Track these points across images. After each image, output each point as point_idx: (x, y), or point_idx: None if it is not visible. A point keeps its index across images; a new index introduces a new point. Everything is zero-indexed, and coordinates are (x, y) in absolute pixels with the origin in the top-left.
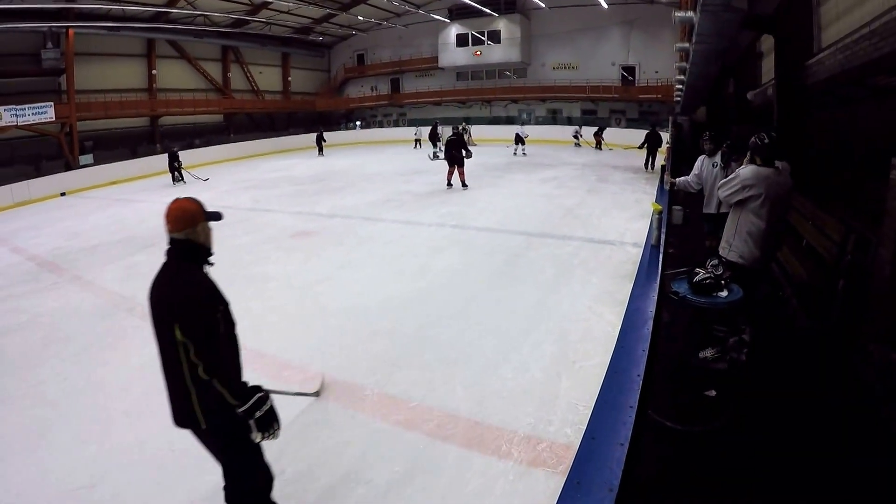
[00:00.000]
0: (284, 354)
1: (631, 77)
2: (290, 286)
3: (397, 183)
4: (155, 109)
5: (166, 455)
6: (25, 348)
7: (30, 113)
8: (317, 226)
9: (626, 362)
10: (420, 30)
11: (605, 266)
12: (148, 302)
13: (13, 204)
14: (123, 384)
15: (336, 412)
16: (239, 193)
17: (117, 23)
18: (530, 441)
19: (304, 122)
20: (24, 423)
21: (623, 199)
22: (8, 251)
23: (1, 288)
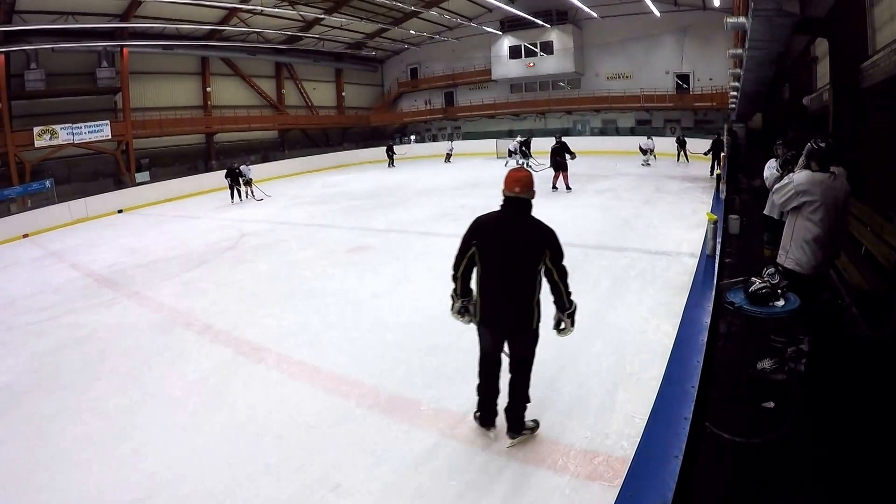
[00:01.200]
0: (342, 369)
1: (685, 85)
2: (347, 301)
3: (453, 197)
4: (210, 126)
5: (223, 468)
6: (84, 362)
7: (86, 131)
8: (373, 241)
9: (680, 373)
10: (472, 42)
11: (662, 277)
12: (481, 236)
13: (71, 221)
14: (181, 398)
15: (393, 426)
16: (295, 209)
17: (171, 41)
18: (587, 454)
19: (359, 138)
20: (82, 436)
21: (679, 210)
22: (66, 267)
23: (59, 303)
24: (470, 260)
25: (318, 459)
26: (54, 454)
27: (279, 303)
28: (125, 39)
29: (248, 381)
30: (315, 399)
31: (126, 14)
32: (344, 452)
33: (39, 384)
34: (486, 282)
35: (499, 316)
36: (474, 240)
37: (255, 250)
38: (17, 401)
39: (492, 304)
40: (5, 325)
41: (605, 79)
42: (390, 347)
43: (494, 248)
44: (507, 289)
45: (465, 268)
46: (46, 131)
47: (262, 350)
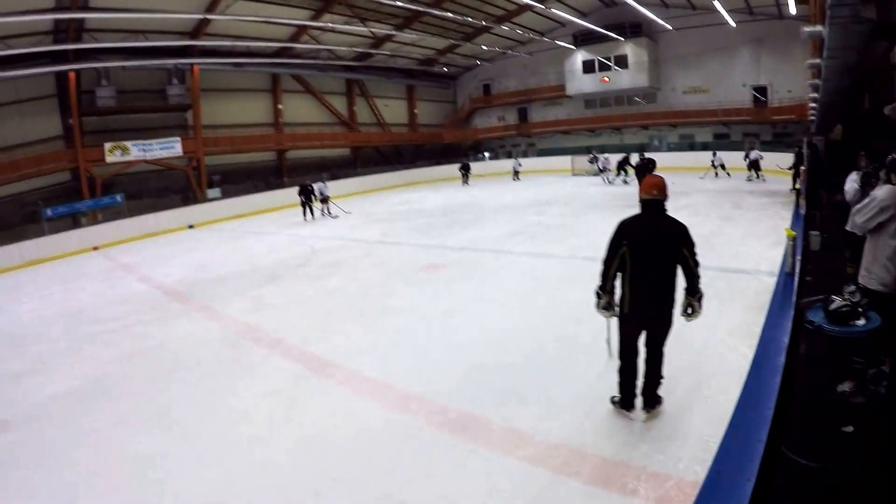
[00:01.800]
0: (411, 387)
1: (763, 98)
2: (419, 318)
3: (528, 214)
4: (281, 144)
5: (287, 483)
6: (151, 373)
7: (157, 147)
8: (446, 259)
9: (757, 395)
10: (545, 58)
11: (741, 296)
12: (630, 236)
13: (141, 235)
14: (247, 412)
15: (461, 445)
16: (368, 226)
17: (242, 59)
18: (658, 478)
19: (432, 155)
20: (147, 446)
21: (759, 227)
22: (135, 280)
23: (128, 314)
24: (620, 259)
25: (383, 476)
26: (118, 462)
27: (350, 319)
28: (195, 57)
29: (317, 396)
30: (383, 416)
31: (196, 32)
32: (410, 471)
33: (106, 392)
34: (636, 277)
35: (646, 306)
36: (624, 240)
37: (327, 267)
38: (83, 408)
39: (641, 297)
40: (73, 335)
41: (682, 93)
42: (461, 366)
43: (643, 246)
44: (654, 281)
45: (616, 266)
46: (118, 147)
47: (331, 366)
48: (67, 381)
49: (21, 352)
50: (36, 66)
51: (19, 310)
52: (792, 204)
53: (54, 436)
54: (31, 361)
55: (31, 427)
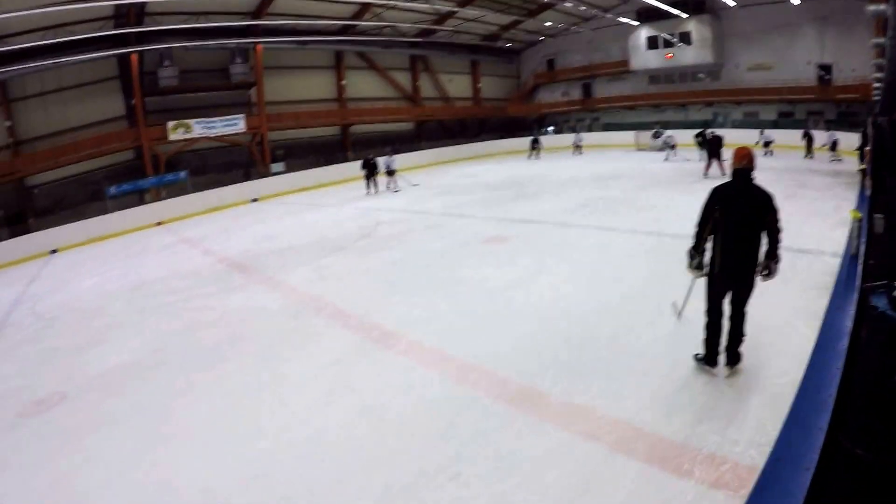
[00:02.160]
0: (471, 359)
1: (828, 76)
2: (481, 291)
3: (592, 188)
4: (345, 119)
5: (344, 451)
6: (212, 344)
7: (220, 125)
8: (510, 231)
9: (818, 381)
10: (609, 33)
11: (802, 277)
12: (724, 201)
13: (205, 210)
14: (307, 381)
15: (520, 418)
16: (431, 199)
17: (305, 37)
18: (714, 461)
19: (496, 129)
20: (205, 415)
21: (822, 206)
22: (198, 253)
23: (191, 287)
24: (713, 222)
25: (440, 447)
26: (176, 429)
27: (412, 291)
28: (258, 36)
29: (377, 366)
30: (443, 387)
31: (258, 11)
32: (468, 442)
33: (165, 363)
34: (726, 239)
35: (734, 267)
36: (717, 205)
37: (390, 239)
38: (142, 378)
39: (730, 257)
40: (134, 308)
41: (746, 70)
42: (522, 339)
43: (734, 211)
44: (742, 244)
45: (709, 230)
46: (181, 125)
47: (392, 336)
48: (127, 354)
49: (83, 326)
50: (98, 51)
51: (82, 285)
52: (857, 185)
53: (112, 405)
54: (91, 335)
55: (89, 397)
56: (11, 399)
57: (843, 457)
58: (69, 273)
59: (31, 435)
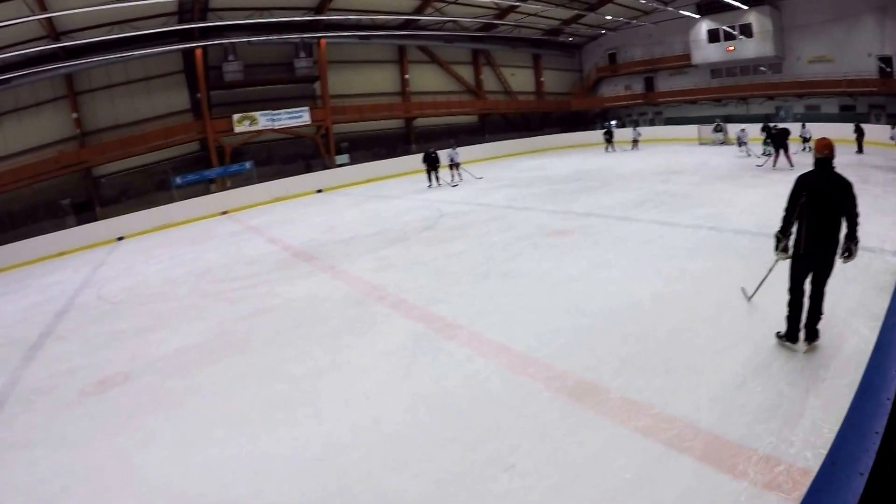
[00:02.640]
0: (532, 351)
1: (888, 69)
2: (542, 284)
3: (654, 182)
4: (409, 112)
5: (400, 438)
6: (275, 329)
7: (285, 117)
8: (572, 224)
9: (877, 383)
10: (670, 27)
11: (863, 275)
12: (810, 187)
13: (270, 200)
14: (367, 368)
15: (577, 412)
16: (494, 192)
17: (367, 31)
18: (768, 462)
19: (559, 122)
20: (265, 398)
21: (885, 203)
22: (263, 241)
23: (255, 274)
24: (800, 207)
25: (496, 438)
26: (234, 411)
27: (474, 282)
28: (321, 31)
29: (437, 355)
30: (502, 378)
31: (321, 7)
32: (524, 434)
33: (228, 347)
34: (811, 223)
35: (818, 249)
36: (804, 191)
37: (453, 230)
38: (204, 361)
39: (814, 240)
40: (199, 293)
41: (807, 63)
42: (583, 333)
43: (818, 197)
44: (825, 228)
45: (795, 214)
46: (246, 118)
47: (453, 326)
48: (191, 337)
49: (147, 309)
50: (163, 45)
51: (148, 270)
52: None
53: (172, 386)
54: (155, 318)
55: (151, 378)
56: (75, 377)
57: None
58: (135, 259)
59: (92, 412)
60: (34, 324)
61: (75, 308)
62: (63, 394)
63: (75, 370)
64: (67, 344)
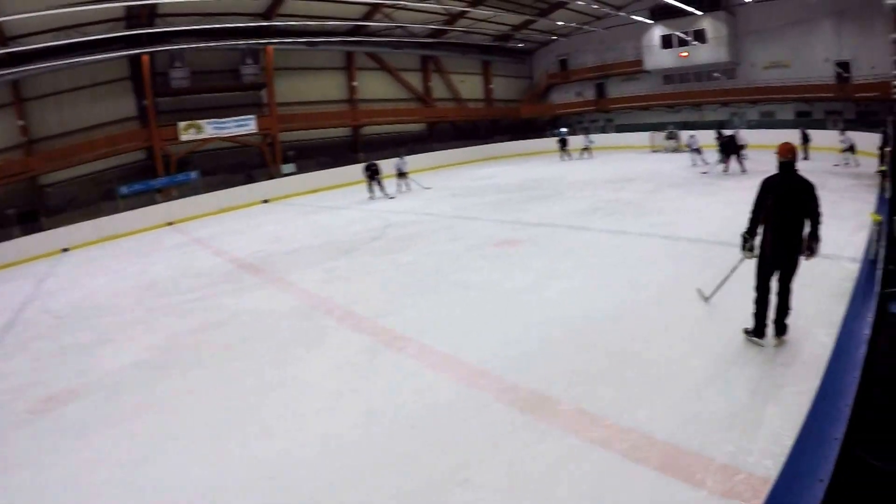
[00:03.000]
0: (482, 363)
1: (846, 74)
2: (492, 294)
3: (606, 190)
4: (356, 120)
5: (352, 454)
6: (223, 344)
7: (232, 125)
8: (522, 234)
9: (834, 390)
10: (623, 32)
11: (820, 282)
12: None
13: (216, 210)
14: (317, 382)
15: (530, 425)
16: (442, 201)
17: (315, 38)
18: (727, 470)
19: (509, 130)
20: (215, 414)
21: (842, 209)
22: (210, 254)
23: (202, 287)
24: (766, 209)
25: (449, 452)
26: (184, 429)
27: (423, 293)
28: (269, 37)
29: (387, 369)
30: (453, 391)
31: (269, 13)
32: (477, 447)
33: (176, 362)
34: (777, 224)
35: (784, 249)
36: (771, 193)
37: (401, 241)
38: (152, 377)
39: (781, 240)
40: (146, 306)
41: (762, 68)
42: (534, 344)
43: (784, 198)
44: (791, 228)
45: (762, 217)
46: (192, 126)
47: (402, 339)
48: (138, 352)
49: (93, 324)
50: (110, 51)
51: (94, 283)
52: (877, 187)
53: (121, 403)
54: (102, 333)
55: (99, 395)
56: (22, 395)
57: (859, 468)
58: (81, 271)
59: (41, 431)
60: None
61: (21, 322)
62: (8, 413)
63: (22, 388)
64: (13, 361)
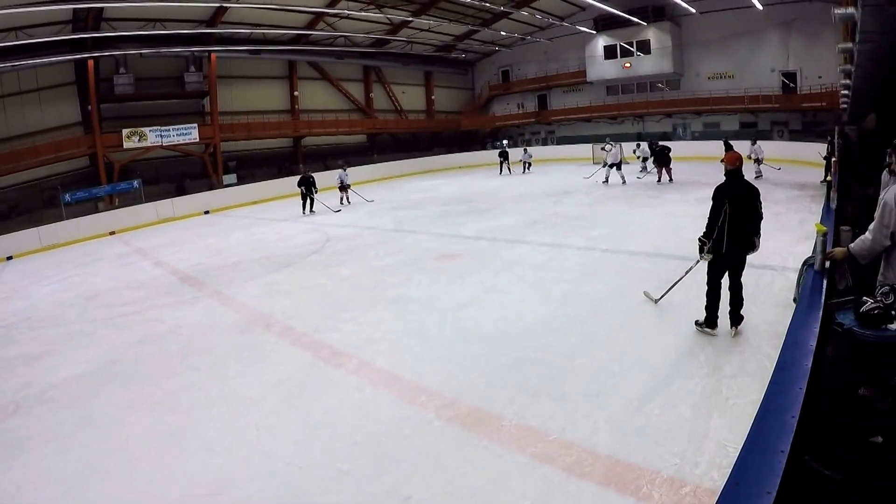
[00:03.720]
0: (422, 379)
1: (792, 84)
2: (432, 309)
3: (546, 204)
4: (298, 130)
5: (293, 470)
6: (163, 357)
7: (174, 134)
8: (461, 248)
9: (780, 401)
10: (566, 43)
11: (765, 294)
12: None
13: (157, 220)
14: (256, 398)
15: (471, 441)
16: (382, 214)
17: (258, 46)
18: (673, 483)
19: (450, 142)
20: (156, 429)
21: (786, 220)
22: (151, 265)
23: (142, 299)
24: (723, 214)
25: (391, 469)
26: (126, 444)
27: (362, 308)
28: (212, 45)
29: (326, 385)
30: (393, 407)
31: (213, 20)
32: (418, 464)
33: (118, 376)
34: (732, 227)
35: (736, 248)
36: (726, 199)
37: (340, 255)
38: (94, 391)
39: (735, 241)
40: (88, 318)
41: (706, 79)
42: (474, 359)
43: (738, 203)
44: (742, 229)
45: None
46: (135, 133)
47: (341, 355)
48: (80, 365)
49: (37, 335)
50: (55, 55)
51: (38, 293)
52: (822, 197)
53: (64, 417)
54: (45, 344)
55: (42, 409)
56: None
57: (807, 478)
58: (24, 280)
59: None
60: None
61: None
62: None
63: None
64: None
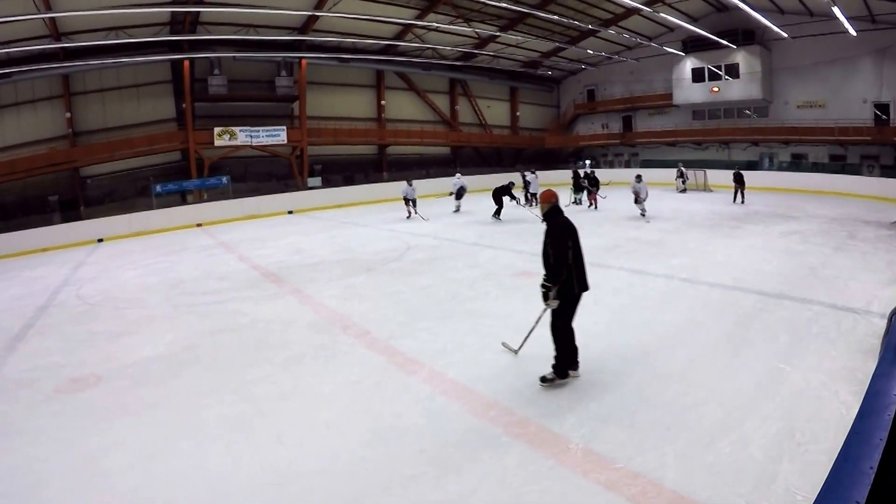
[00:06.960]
0: (494, 394)
1: (885, 116)
2: (507, 325)
3: (627, 228)
4: (383, 139)
5: (358, 471)
6: (241, 348)
7: (263, 135)
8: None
9: (859, 451)
10: (653, 64)
11: (847, 337)
12: (572, 234)
13: (243, 216)
14: (329, 397)
15: (537, 460)
16: (463, 227)
17: (348, 54)
18: None
19: (533, 159)
20: (229, 416)
21: (874, 260)
22: (235, 258)
23: (225, 290)
24: (569, 251)
25: (456, 480)
26: (199, 426)
27: (438, 318)
28: (303, 51)
29: (398, 391)
30: (462, 420)
31: (304, 27)
32: (483, 478)
33: (196, 360)
34: (577, 264)
35: (583, 283)
36: (569, 239)
37: (420, 264)
38: (172, 372)
39: (582, 278)
40: (171, 303)
41: (795, 107)
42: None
43: (576, 240)
44: (581, 265)
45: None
46: (226, 132)
47: (415, 363)
48: (161, 346)
49: (122, 314)
50: (154, 54)
51: (125, 275)
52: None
53: (142, 394)
54: (129, 324)
55: (122, 383)
56: (51, 374)
57: None
58: (113, 262)
59: (66, 410)
60: (17, 315)
61: (55, 305)
62: (37, 390)
63: (52, 367)
64: (46, 340)
